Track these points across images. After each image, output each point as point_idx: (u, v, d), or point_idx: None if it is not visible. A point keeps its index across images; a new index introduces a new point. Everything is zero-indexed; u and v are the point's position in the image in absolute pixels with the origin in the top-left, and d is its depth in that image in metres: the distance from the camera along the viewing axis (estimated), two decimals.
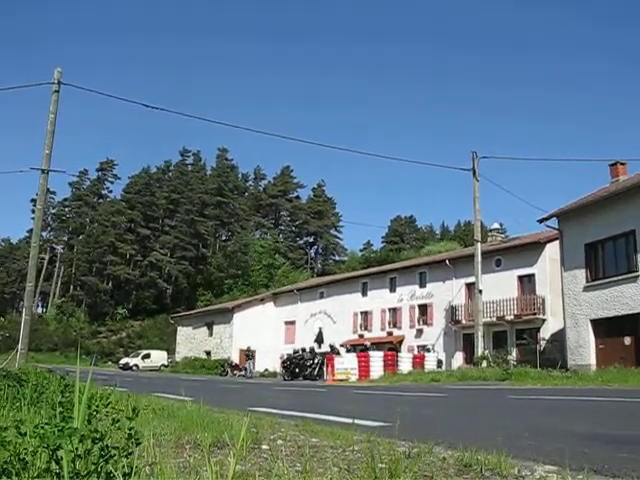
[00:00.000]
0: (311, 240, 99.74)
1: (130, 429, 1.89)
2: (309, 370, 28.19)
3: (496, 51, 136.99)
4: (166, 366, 52.59)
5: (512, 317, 30.05)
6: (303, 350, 31.25)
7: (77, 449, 1.71)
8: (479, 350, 24.98)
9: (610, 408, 9.12)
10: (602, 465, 3.59)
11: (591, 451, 4.16)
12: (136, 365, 51.84)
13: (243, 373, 37.27)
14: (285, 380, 28.42)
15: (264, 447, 3.90)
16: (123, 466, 1.95)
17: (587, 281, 23.48)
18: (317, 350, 29.72)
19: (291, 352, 32.26)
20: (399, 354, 29.34)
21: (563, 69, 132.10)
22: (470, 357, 28.53)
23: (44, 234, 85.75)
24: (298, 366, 28.94)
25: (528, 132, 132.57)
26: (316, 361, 28.54)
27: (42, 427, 1.69)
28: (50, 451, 1.68)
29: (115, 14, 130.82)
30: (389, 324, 38.51)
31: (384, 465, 2.88)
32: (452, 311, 33.36)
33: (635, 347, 21.11)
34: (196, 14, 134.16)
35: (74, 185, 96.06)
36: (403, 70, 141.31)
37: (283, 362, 31.47)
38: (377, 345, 35.01)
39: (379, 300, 39.19)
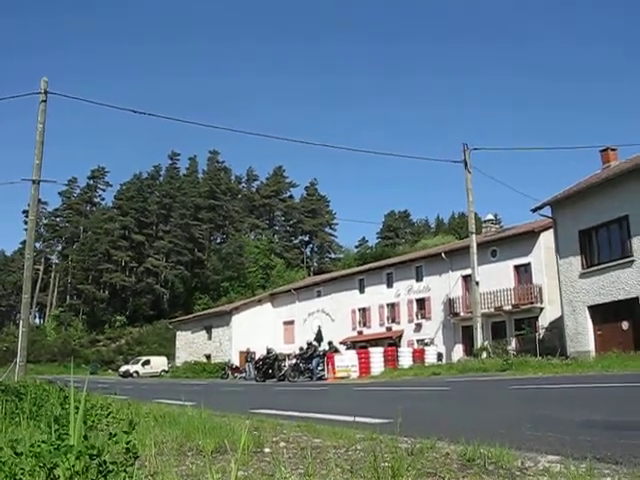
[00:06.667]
0: (306, 239, 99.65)
1: (127, 443, 1.87)
2: (283, 370, 26.95)
3: (483, 40, 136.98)
4: (167, 371, 52.41)
5: (510, 307, 30.10)
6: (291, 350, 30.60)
7: (74, 466, 1.69)
8: (478, 341, 25.01)
9: (610, 394, 9.15)
10: (604, 453, 3.59)
11: (593, 439, 4.17)
12: (136, 372, 51.69)
13: (244, 375, 37.13)
14: (257, 382, 27.77)
15: (266, 450, 3.88)
16: (124, 478, 1.93)
17: (583, 268, 23.53)
18: (317, 346, 28.92)
19: (297, 351, 31.15)
20: (399, 349, 29.28)
21: (552, 57, 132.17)
22: (470, 349, 28.55)
23: (38, 245, 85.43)
24: (271, 367, 28.39)
25: (519, 122, 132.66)
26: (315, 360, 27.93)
27: (38, 445, 1.67)
28: (47, 470, 1.66)
29: (99, 19, 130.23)
30: (388, 319, 38.54)
31: (387, 464, 2.87)
32: (450, 304, 33.41)
33: (633, 331, 21.16)
34: (183, 16, 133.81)
35: (64, 194, 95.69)
36: (392, 65, 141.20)
37: (255, 362, 30.78)
38: (377, 341, 34.98)
39: (377, 296, 39.21)
